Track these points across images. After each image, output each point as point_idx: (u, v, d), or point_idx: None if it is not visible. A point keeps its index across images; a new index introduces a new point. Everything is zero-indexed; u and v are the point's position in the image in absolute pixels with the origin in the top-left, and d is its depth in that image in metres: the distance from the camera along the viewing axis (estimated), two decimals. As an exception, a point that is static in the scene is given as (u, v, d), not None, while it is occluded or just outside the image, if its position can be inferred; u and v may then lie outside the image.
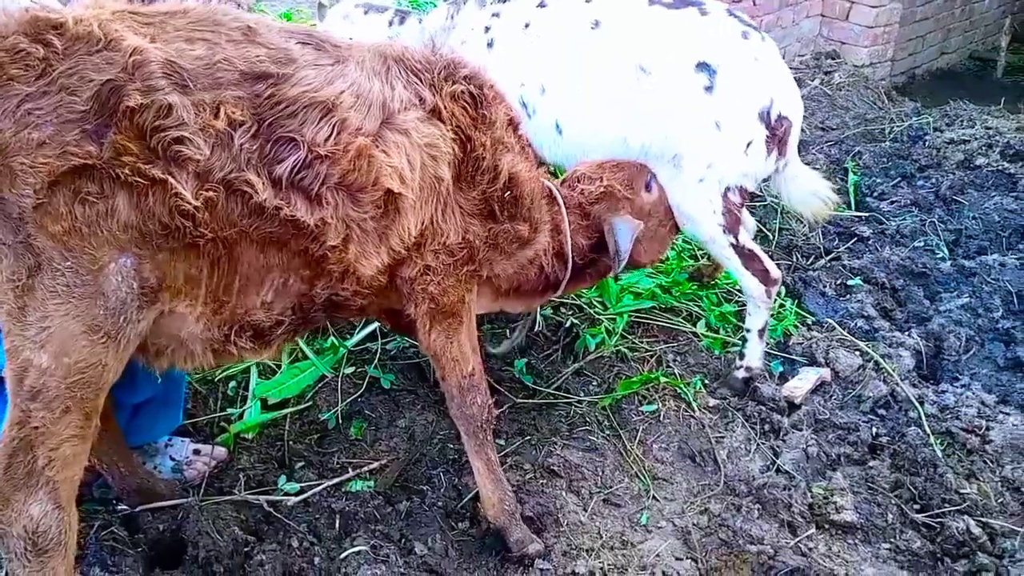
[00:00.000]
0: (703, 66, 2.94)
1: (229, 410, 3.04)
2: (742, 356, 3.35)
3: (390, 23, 3.67)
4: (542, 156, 3.26)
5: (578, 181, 2.84)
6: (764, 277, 3.16)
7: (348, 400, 3.09)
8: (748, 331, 3.30)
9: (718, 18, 3.04)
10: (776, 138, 3.01)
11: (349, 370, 3.19)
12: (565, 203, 2.73)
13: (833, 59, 7.11)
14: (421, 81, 2.14)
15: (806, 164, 4.91)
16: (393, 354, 3.32)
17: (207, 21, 1.87)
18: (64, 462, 1.85)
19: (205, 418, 3.04)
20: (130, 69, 1.69)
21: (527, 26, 3.20)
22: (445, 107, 2.15)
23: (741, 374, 3.34)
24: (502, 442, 2.99)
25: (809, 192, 3.25)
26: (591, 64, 3.08)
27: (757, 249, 3.19)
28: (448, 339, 2.39)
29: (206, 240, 1.84)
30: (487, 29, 3.29)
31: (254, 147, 1.83)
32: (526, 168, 2.40)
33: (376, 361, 3.23)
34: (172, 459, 2.78)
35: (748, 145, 2.98)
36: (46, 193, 1.66)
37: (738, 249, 3.12)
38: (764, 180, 3.25)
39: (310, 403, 3.09)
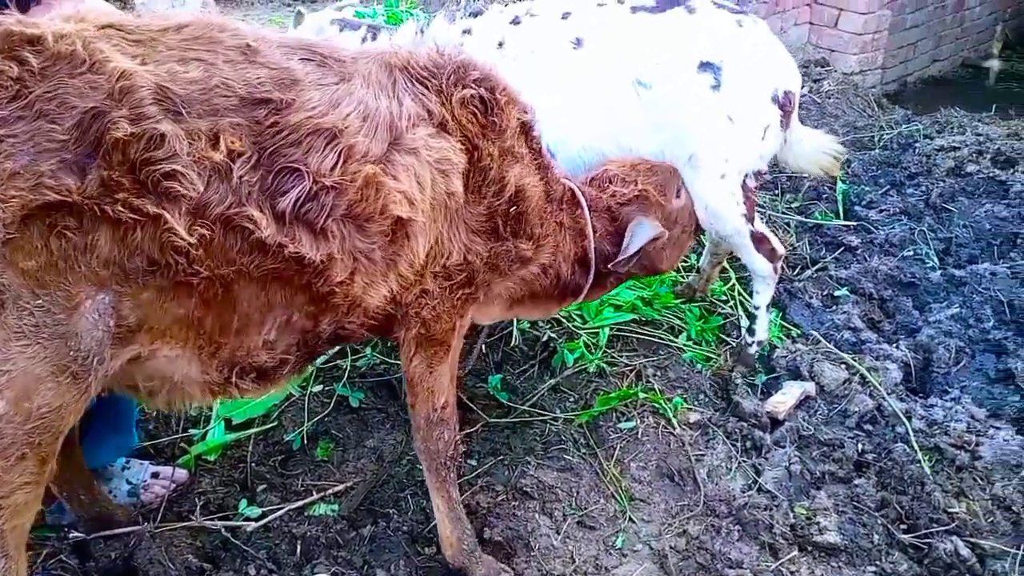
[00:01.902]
0: (706, 65, 2.89)
1: (191, 431, 2.95)
2: (752, 332, 3.47)
3: (363, 40, 3.59)
4: None
5: (610, 182, 2.68)
6: (771, 255, 3.24)
7: (315, 420, 2.99)
8: (757, 308, 3.41)
9: (707, 13, 2.99)
10: (787, 114, 3.04)
11: (317, 388, 3.10)
12: (593, 205, 2.58)
13: (822, 67, 7.03)
14: (428, 89, 2.02)
15: (795, 173, 4.86)
16: (363, 371, 3.22)
17: (203, 39, 1.73)
18: (14, 510, 1.72)
19: (167, 439, 2.94)
20: (117, 95, 1.56)
21: (500, 45, 3.10)
22: (454, 116, 2.03)
23: (754, 349, 3.48)
24: (474, 462, 2.89)
25: (816, 150, 3.30)
26: (579, 85, 2.98)
27: (766, 230, 3.26)
28: (429, 368, 2.28)
29: (200, 279, 1.71)
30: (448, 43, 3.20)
31: (255, 179, 1.71)
32: (534, 180, 2.28)
33: (345, 379, 3.13)
34: (129, 482, 2.68)
35: (766, 130, 3.00)
36: (17, 227, 1.52)
37: (754, 235, 3.17)
38: None
39: (275, 423, 2.99)
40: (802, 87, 6.47)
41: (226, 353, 1.88)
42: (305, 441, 2.93)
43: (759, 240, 3.20)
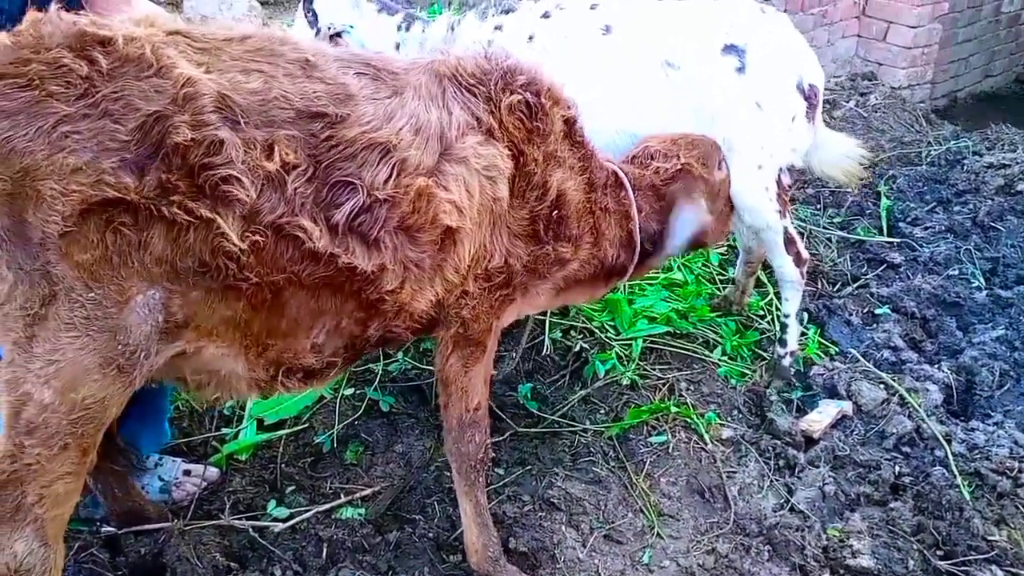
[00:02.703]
0: (730, 48, 2.94)
1: (224, 430, 2.98)
2: (784, 343, 3.40)
3: (398, 28, 3.62)
4: None
5: (651, 159, 2.66)
6: (798, 259, 3.23)
7: (345, 423, 3.01)
8: (787, 316, 3.36)
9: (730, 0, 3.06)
10: (812, 108, 3.04)
11: (348, 391, 3.11)
12: (636, 184, 2.57)
13: (870, 80, 6.92)
14: (477, 96, 2.07)
15: (838, 187, 4.78)
16: (394, 375, 3.23)
17: (265, 51, 1.79)
18: (55, 500, 1.76)
19: (199, 437, 2.98)
20: (180, 101, 1.60)
21: (531, 39, 3.15)
22: (501, 123, 2.08)
23: (788, 361, 3.42)
24: (501, 471, 2.88)
25: (840, 154, 3.30)
26: (610, 69, 3.03)
27: (795, 232, 3.25)
28: (464, 367, 2.29)
29: (249, 283, 1.75)
30: (489, 43, 3.21)
31: (309, 191, 1.75)
32: (576, 183, 2.31)
33: (376, 383, 3.14)
34: (161, 479, 2.71)
35: (793, 119, 3.01)
36: (76, 221, 1.56)
37: (786, 234, 3.16)
38: None
39: (306, 424, 3.01)
40: (848, 100, 6.42)
41: (273, 354, 1.92)
42: (335, 444, 2.94)
43: (789, 241, 3.19)
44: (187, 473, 2.75)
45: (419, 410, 3.12)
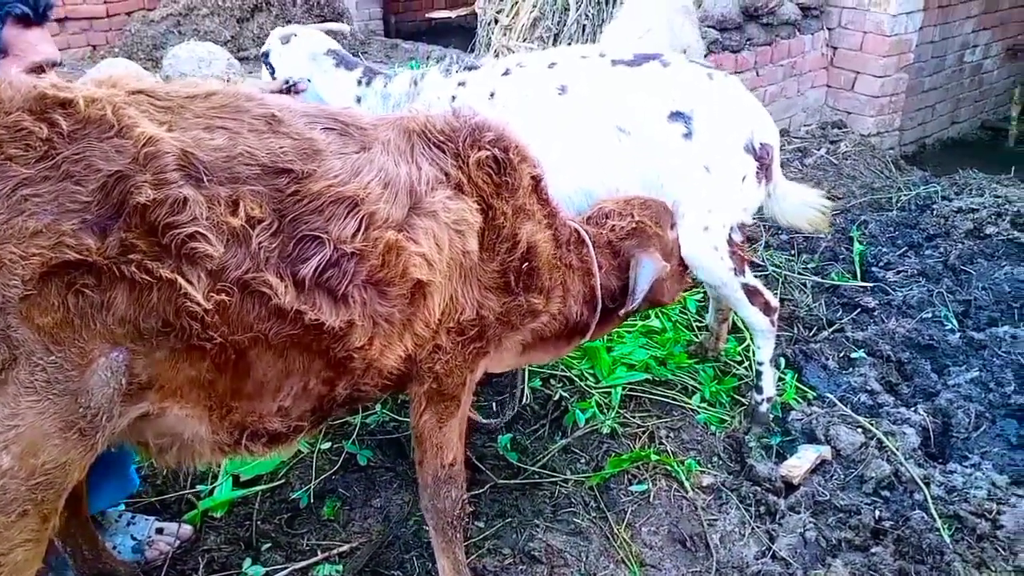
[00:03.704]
0: (676, 115, 2.99)
1: (199, 487, 2.93)
2: (760, 390, 3.44)
3: (358, 82, 3.66)
4: None
5: (607, 218, 2.72)
6: (766, 308, 3.26)
7: (322, 477, 2.97)
8: (760, 364, 3.40)
9: (679, 67, 3.13)
10: (764, 167, 3.09)
11: (325, 445, 3.08)
12: (595, 242, 2.61)
13: (839, 128, 7.08)
14: (445, 152, 2.08)
15: (812, 234, 4.85)
16: (372, 428, 3.21)
17: (230, 108, 1.79)
18: (14, 568, 1.69)
19: (173, 495, 2.93)
20: (142, 160, 1.59)
21: (492, 95, 3.20)
22: (470, 178, 2.09)
23: (765, 407, 3.45)
24: (481, 524, 2.85)
25: (802, 204, 3.34)
26: (566, 129, 3.08)
27: (759, 284, 3.28)
28: (439, 423, 2.28)
29: (214, 343, 1.72)
30: (453, 99, 3.27)
31: (274, 245, 1.73)
32: (545, 236, 2.33)
33: (354, 436, 3.12)
34: (133, 538, 2.66)
35: (743, 180, 3.05)
36: (37, 284, 1.53)
37: (746, 288, 3.19)
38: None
39: (283, 480, 2.97)
40: (819, 148, 6.55)
41: (237, 417, 1.88)
42: (312, 499, 2.90)
43: (751, 293, 3.21)
44: (160, 531, 2.70)
45: (397, 463, 3.09)
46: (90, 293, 1.58)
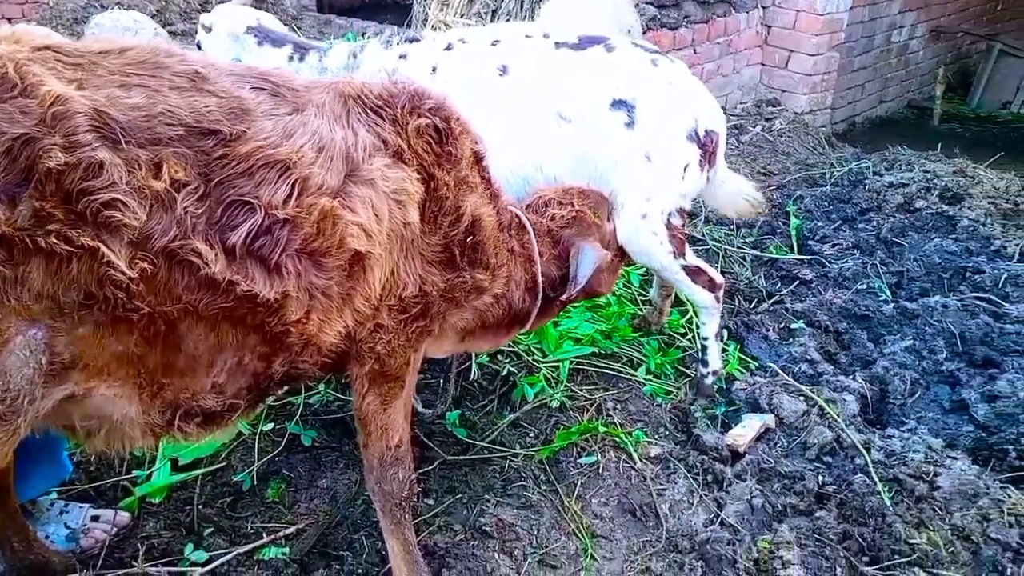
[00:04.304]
0: (619, 103, 2.94)
1: (135, 472, 2.82)
2: (705, 364, 3.46)
3: (289, 58, 3.52)
4: None
5: (546, 206, 2.66)
6: (711, 285, 3.27)
7: (265, 459, 2.89)
8: (705, 339, 3.42)
9: (624, 52, 3.06)
10: (708, 154, 3.06)
11: (268, 427, 2.99)
12: (535, 229, 2.55)
13: (774, 106, 7.20)
14: (383, 118, 1.96)
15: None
16: (316, 408, 3.13)
17: (148, 64, 1.64)
18: None
19: (109, 481, 2.81)
20: (50, 121, 1.45)
21: (434, 70, 3.12)
22: (410, 145, 1.98)
23: (710, 380, 3.48)
24: (431, 501, 2.81)
25: (736, 193, 3.35)
26: (506, 111, 3.00)
27: (700, 262, 3.28)
28: (383, 404, 2.19)
29: (141, 315, 1.60)
30: (393, 71, 3.19)
31: (201, 211, 1.60)
32: (489, 210, 2.24)
33: (298, 416, 3.04)
34: (67, 527, 2.54)
35: (685, 168, 3.02)
36: None
37: (687, 269, 3.18)
38: None
39: (224, 463, 2.87)
40: (755, 125, 6.64)
41: (169, 395, 1.77)
42: (255, 482, 2.82)
43: (694, 272, 3.22)
44: (95, 519, 2.58)
45: (343, 443, 3.02)
46: (2, 268, 1.46)
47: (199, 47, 3.71)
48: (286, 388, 2.59)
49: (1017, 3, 10.44)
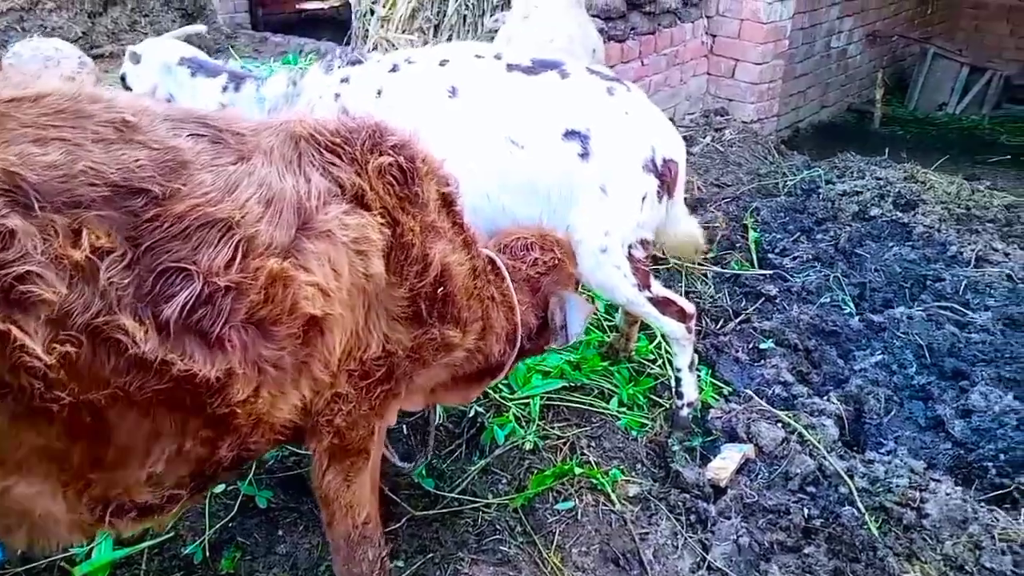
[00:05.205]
0: (572, 134, 2.80)
1: (73, 549, 2.55)
2: (680, 395, 3.36)
3: (223, 88, 3.31)
4: None
5: (527, 250, 2.48)
6: (681, 316, 3.16)
7: (218, 526, 2.65)
8: (679, 370, 3.33)
9: (579, 79, 2.92)
10: (666, 183, 2.94)
11: (218, 489, 2.75)
12: (512, 275, 2.37)
13: (722, 116, 7.16)
14: (341, 158, 1.77)
15: (706, 223, 4.83)
16: (270, 465, 2.90)
17: (68, 113, 1.43)
18: None
19: (44, 561, 2.54)
20: None
21: (380, 93, 2.94)
22: (370, 187, 1.78)
23: (686, 411, 3.37)
24: (401, 563, 2.60)
25: (685, 235, 3.28)
26: (454, 136, 2.83)
27: (669, 293, 3.18)
28: (347, 481, 2.00)
29: (62, 405, 1.38)
30: (337, 96, 3.01)
31: (128, 281, 1.40)
32: (460, 258, 2.05)
33: (251, 476, 2.80)
34: (-5, 621, 2.28)
35: (643, 199, 2.89)
36: None
37: (654, 300, 3.06)
38: None
39: (171, 534, 2.63)
40: (705, 136, 6.58)
41: (98, 491, 1.55)
42: (207, 553, 2.58)
43: (663, 304, 3.10)
44: (28, 609, 2.33)
45: (301, 502, 2.79)
46: None
47: (123, 79, 3.46)
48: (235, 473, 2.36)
49: (947, 6, 10.67)
